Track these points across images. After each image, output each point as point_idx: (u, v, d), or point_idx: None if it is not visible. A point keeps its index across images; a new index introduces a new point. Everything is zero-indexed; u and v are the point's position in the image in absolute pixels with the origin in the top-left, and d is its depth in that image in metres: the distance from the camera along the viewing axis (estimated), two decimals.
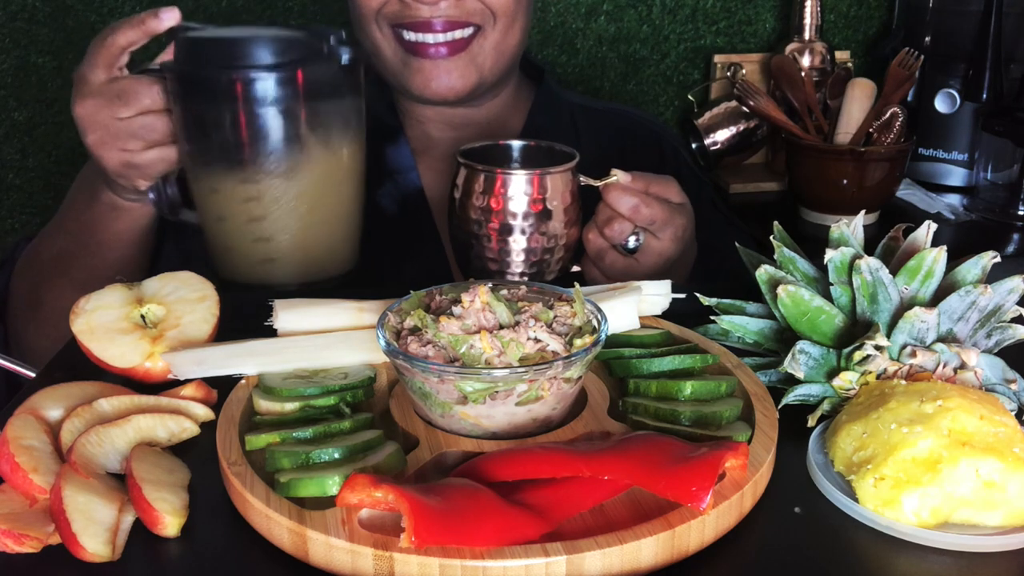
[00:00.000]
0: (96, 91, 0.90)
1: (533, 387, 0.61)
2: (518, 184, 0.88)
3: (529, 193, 0.88)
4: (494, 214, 0.88)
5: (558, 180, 0.89)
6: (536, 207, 0.88)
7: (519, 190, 0.87)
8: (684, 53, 1.80)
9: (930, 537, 0.56)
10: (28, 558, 0.55)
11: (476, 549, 0.51)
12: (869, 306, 0.68)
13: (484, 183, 0.88)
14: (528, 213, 0.88)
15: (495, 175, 0.88)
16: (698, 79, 1.82)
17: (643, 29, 1.77)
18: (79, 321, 0.72)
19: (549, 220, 0.89)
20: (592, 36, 1.76)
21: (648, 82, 1.81)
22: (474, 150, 0.93)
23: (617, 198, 0.90)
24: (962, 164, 1.70)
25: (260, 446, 0.62)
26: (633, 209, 0.90)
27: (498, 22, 1.06)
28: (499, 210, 0.88)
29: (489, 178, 0.88)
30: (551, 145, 0.94)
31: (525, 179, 0.88)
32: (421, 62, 1.06)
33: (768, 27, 1.83)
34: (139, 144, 0.91)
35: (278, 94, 0.87)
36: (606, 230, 0.91)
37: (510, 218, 0.88)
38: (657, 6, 1.76)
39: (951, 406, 0.58)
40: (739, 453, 0.57)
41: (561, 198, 0.89)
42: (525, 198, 0.88)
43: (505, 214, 0.88)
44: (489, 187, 0.88)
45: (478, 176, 0.89)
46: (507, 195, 0.88)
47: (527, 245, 0.89)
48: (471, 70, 1.07)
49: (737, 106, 1.70)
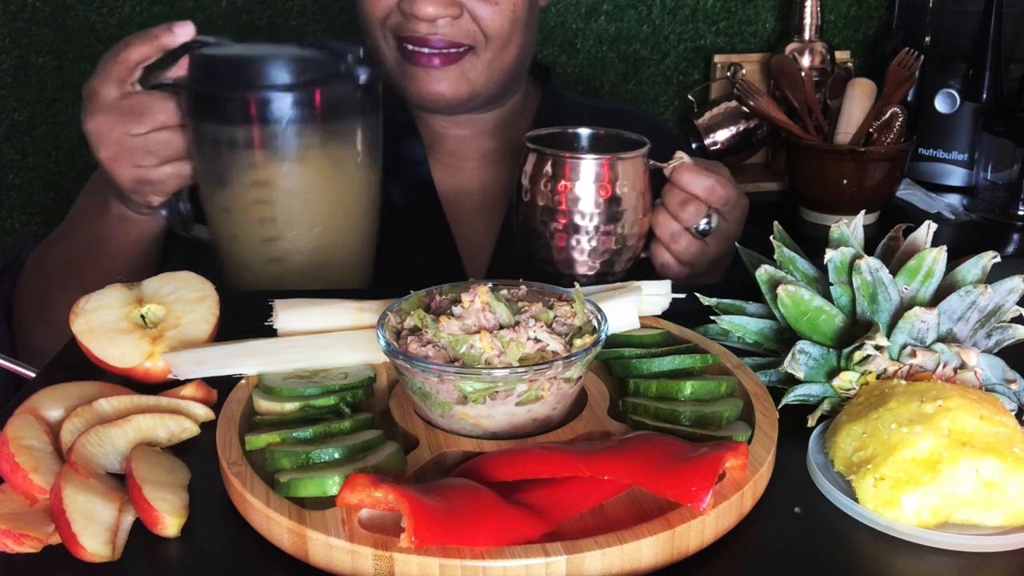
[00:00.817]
0: (109, 107, 0.90)
1: (533, 387, 0.61)
2: (589, 170, 0.86)
3: (600, 179, 0.86)
4: (564, 201, 0.87)
5: (629, 166, 0.87)
6: (606, 194, 0.87)
7: (590, 176, 0.86)
8: (684, 53, 1.80)
9: (930, 537, 0.56)
10: (28, 558, 0.55)
11: (476, 549, 0.51)
12: (869, 306, 0.68)
13: (554, 168, 0.87)
14: (599, 200, 0.87)
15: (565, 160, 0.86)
16: (698, 79, 1.82)
17: (643, 29, 1.77)
18: (79, 321, 0.72)
19: (620, 207, 0.88)
20: (592, 36, 1.76)
21: (648, 82, 1.81)
22: (542, 136, 0.92)
23: (692, 179, 0.90)
24: (962, 164, 1.70)
25: (260, 446, 0.62)
26: (709, 189, 0.90)
27: (491, 43, 1.08)
28: (570, 197, 0.86)
29: (559, 163, 0.86)
30: (620, 133, 0.94)
31: (596, 164, 0.86)
32: (416, 70, 1.09)
33: (768, 27, 1.83)
34: (154, 160, 0.91)
35: (294, 114, 0.86)
36: (681, 212, 0.91)
37: (581, 205, 0.87)
38: (657, 6, 1.76)
39: (951, 406, 0.58)
40: (739, 453, 0.57)
41: (632, 185, 0.88)
42: (596, 185, 0.87)
43: (576, 201, 0.87)
44: (559, 173, 0.87)
45: (547, 161, 0.87)
46: (578, 181, 0.86)
47: (598, 234, 0.88)
48: (462, 83, 1.09)
49: (737, 106, 1.69)
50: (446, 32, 1.06)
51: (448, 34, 1.06)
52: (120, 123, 0.89)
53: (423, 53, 1.07)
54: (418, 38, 1.06)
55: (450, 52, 1.07)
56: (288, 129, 0.86)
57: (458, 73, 1.09)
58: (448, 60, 1.08)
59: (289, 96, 0.85)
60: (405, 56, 1.08)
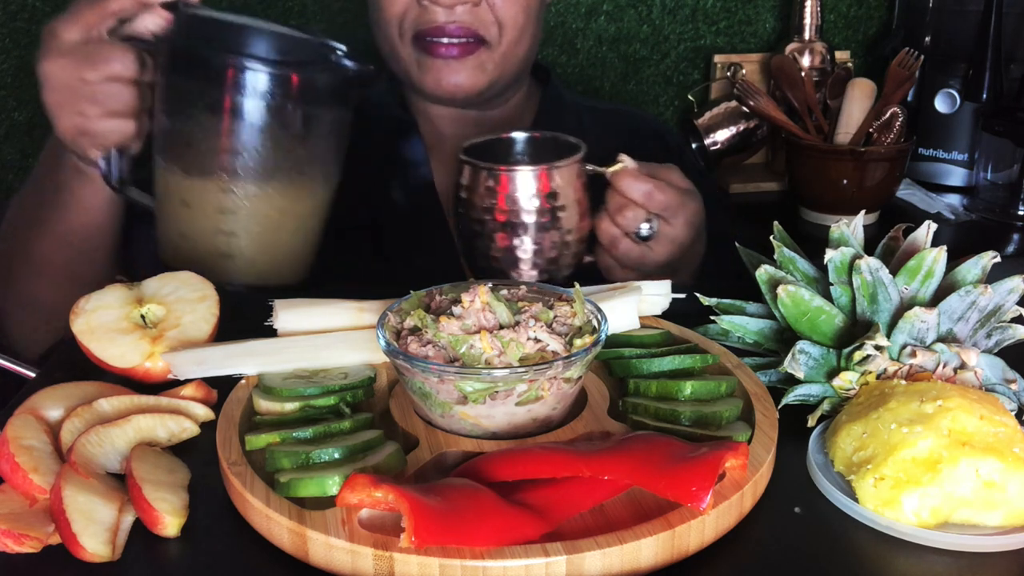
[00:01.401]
0: (67, 50, 0.87)
1: (533, 387, 0.61)
2: (526, 180, 0.85)
3: (538, 188, 0.86)
4: (501, 212, 0.86)
5: (566, 172, 0.87)
6: (546, 202, 0.86)
7: (527, 186, 0.85)
8: (684, 53, 1.80)
9: (930, 537, 0.56)
10: (28, 558, 0.55)
11: (476, 549, 0.51)
12: (869, 306, 0.68)
13: (489, 181, 0.86)
14: (538, 209, 0.86)
15: (499, 172, 0.86)
16: (698, 79, 1.82)
17: (643, 29, 1.77)
18: (79, 321, 0.72)
19: (560, 214, 0.87)
20: (592, 36, 1.76)
21: (648, 82, 1.81)
22: (476, 146, 0.91)
23: (629, 185, 0.89)
24: (962, 164, 1.70)
25: (260, 446, 0.62)
26: (646, 195, 0.89)
27: (506, 34, 1.09)
28: (507, 208, 0.86)
29: (494, 175, 0.86)
30: (555, 136, 0.93)
31: (532, 174, 0.85)
32: (434, 61, 1.09)
33: (768, 27, 1.83)
34: (98, 111, 0.88)
35: (272, 90, 0.85)
36: (619, 218, 0.90)
37: (520, 216, 0.86)
38: (657, 6, 1.76)
39: (951, 406, 0.58)
40: (739, 453, 0.57)
41: (570, 191, 0.87)
42: (534, 193, 0.86)
43: (514, 212, 0.86)
44: (495, 185, 0.86)
45: (481, 174, 0.87)
46: (515, 193, 0.86)
47: (538, 242, 0.87)
48: (479, 74, 1.10)
49: (737, 106, 1.69)
50: (464, 19, 1.06)
51: (466, 22, 1.06)
52: (74, 67, 0.87)
53: (441, 43, 1.07)
54: (436, 28, 1.06)
55: (468, 42, 1.08)
56: (263, 104, 0.85)
57: (475, 64, 1.09)
58: (466, 51, 1.08)
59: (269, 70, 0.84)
60: (423, 48, 1.09)
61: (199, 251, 0.90)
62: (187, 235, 0.90)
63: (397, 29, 1.09)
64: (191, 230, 0.90)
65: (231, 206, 0.88)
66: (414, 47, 1.09)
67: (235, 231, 0.89)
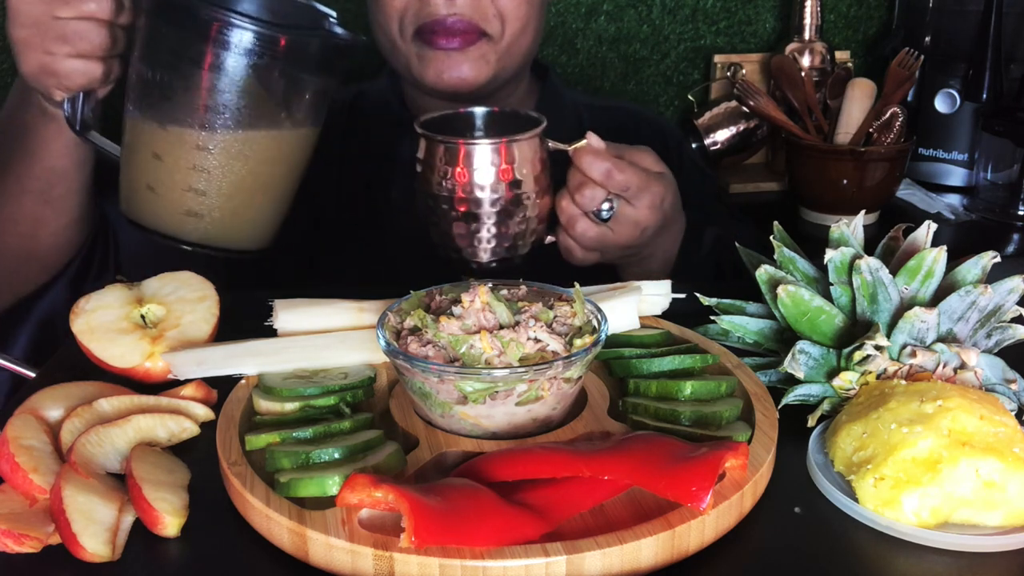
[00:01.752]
0: None
1: (533, 387, 0.61)
2: (484, 154, 0.82)
3: (497, 163, 0.83)
4: (458, 187, 0.84)
5: (526, 147, 0.84)
6: (505, 177, 0.84)
7: (485, 161, 0.83)
8: (684, 53, 1.80)
9: (930, 537, 0.56)
10: (28, 558, 0.55)
11: (476, 549, 0.51)
12: (869, 306, 0.68)
13: (446, 155, 0.83)
14: (497, 184, 0.83)
15: (456, 146, 0.82)
16: (698, 79, 1.82)
17: (643, 29, 1.77)
18: (79, 321, 0.72)
19: (519, 190, 0.84)
20: (592, 36, 1.76)
21: (648, 82, 1.81)
22: (435, 120, 0.88)
23: (589, 163, 0.87)
24: (962, 164, 1.70)
25: (260, 446, 0.62)
26: (605, 174, 0.87)
27: (509, 26, 1.08)
28: (466, 183, 0.83)
29: (452, 150, 0.83)
30: (516, 111, 0.91)
31: (491, 148, 0.82)
32: (435, 53, 1.07)
33: (768, 27, 1.83)
34: (66, 50, 0.85)
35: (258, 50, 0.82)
36: (577, 196, 0.88)
37: (477, 191, 0.84)
38: (657, 6, 1.76)
39: (951, 406, 0.58)
40: (739, 453, 0.57)
41: (531, 166, 0.85)
42: (493, 169, 0.83)
43: (471, 187, 0.83)
44: (453, 159, 0.83)
45: (439, 148, 0.84)
46: (472, 167, 0.83)
47: (498, 219, 0.85)
48: (482, 66, 1.08)
49: (737, 106, 1.69)
50: (465, 12, 1.05)
51: (467, 15, 1.05)
52: (46, 1, 0.83)
53: (442, 35, 1.06)
54: (436, 21, 1.05)
55: (469, 35, 1.06)
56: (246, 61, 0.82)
57: (477, 56, 1.08)
58: (467, 42, 1.07)
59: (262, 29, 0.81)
60: (424, 42, 1.07)
61: (165, 206, 0.87)
62: (155, 189, 0.87)
63: (398, 24, 1.08)
64: (160, 184, 0.86)
65: (205, 164, 0.85)
66: (415, 41, 1.08)
67: (206, 190, 0.86)
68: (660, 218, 0.93)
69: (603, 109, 1.29)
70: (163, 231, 0.87)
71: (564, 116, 1.23)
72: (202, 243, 0.87)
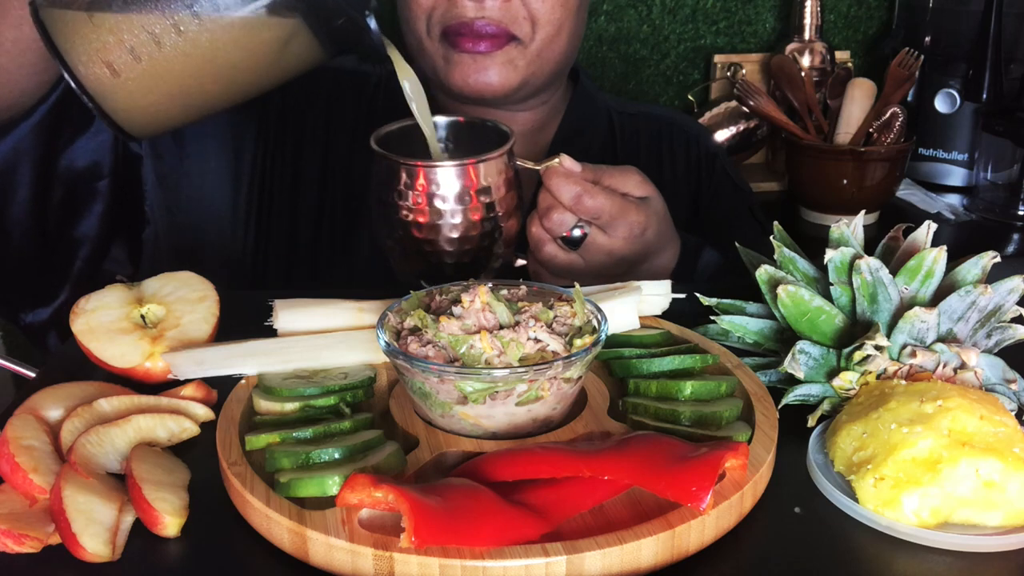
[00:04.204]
0: None
1: (533, 387, 0.61)
2: (447, 177, 0.77)
3: (459, 184, 0.78)
4: (418, 210, 0.79)
5: (492, 166, 0.79)
6: (467, 199, 0.79)
7: (447, 182, 0.78)
8: (684, 53, 1.81)
9: (930, 537, 0.56)
10: (28, 558, 0.55)
11: (476, 549, 0.51)
12: (869, 306, 0.68)
13: (407, 177, 0.78)
14: (461, 208, 0.79)
15: (417, 168, 0.77)
16: (698, 79, 1.82)
17: (643, 29, 1.77)
18: (79, 321, 0.72)
19: (482, 213, 0.80)
20: (592, 36, 1.76)
21: (648, 82, 1.81)
22: (392, 134, 0.83)
23: (558, 185, 0.83)
24: (962, 164, 1.70)
25: (260, 446, 0.62)
26: (575, 198, 0.83)
27: (540, 30, 1.03)
28: (425, 204, 0.79)
29: (410, 171, 0.78)
30: (483, 122, 0.86)
31: (455, 171, 0.78)
32: (461, 56, 1.03)
33: (768, 27, 1.83)
34: None
35: None
36: (545, 220, 0.84)
37: (437, 213, 0.79)
38: (657, 6, 1.76)
39: (951, 406, 0.58)
40: (739, 453, 0.57)
41: (496, 187, 0.80)
42: (454, 190, 0.79)
43: (434, 210, 0.79)
44: (412, 181, 0.78)
45: (398, 170, 0.79)
46: (433, 188, 0.78)
47: (460, 242, 0.81)
48: (510, 71, 1.03)
49: (737, 106, 1.70)
50: (494, 16, 1.00)
51: (496, 18, 1.00)
52: None
53: (469, 37, 1.01)
54: (464, 23, 1.00)
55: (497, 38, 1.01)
56: None
57: (505, 60, 1.02)
58: (495, 46, 1.01)
59: None
60: (450, 44, 1.02)
61: (90, 42, 0.79)
62: (94, 20, 0.78)
63: (425, 24, 1.04)
64: (103, 22, 0.79)
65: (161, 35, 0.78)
66: (441, 42, 1.03)
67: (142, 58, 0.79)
68: (639, 249, 0.88)
69: (635, 116, 1.23)
70: (68, 60, 0.79)
71: (595, 124, 1.18)
72: (95, 99, 0.80)
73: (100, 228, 1.07)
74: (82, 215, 1.06)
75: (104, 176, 1.05)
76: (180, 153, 1.10)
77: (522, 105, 1.12)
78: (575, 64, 1.22)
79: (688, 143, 1.22)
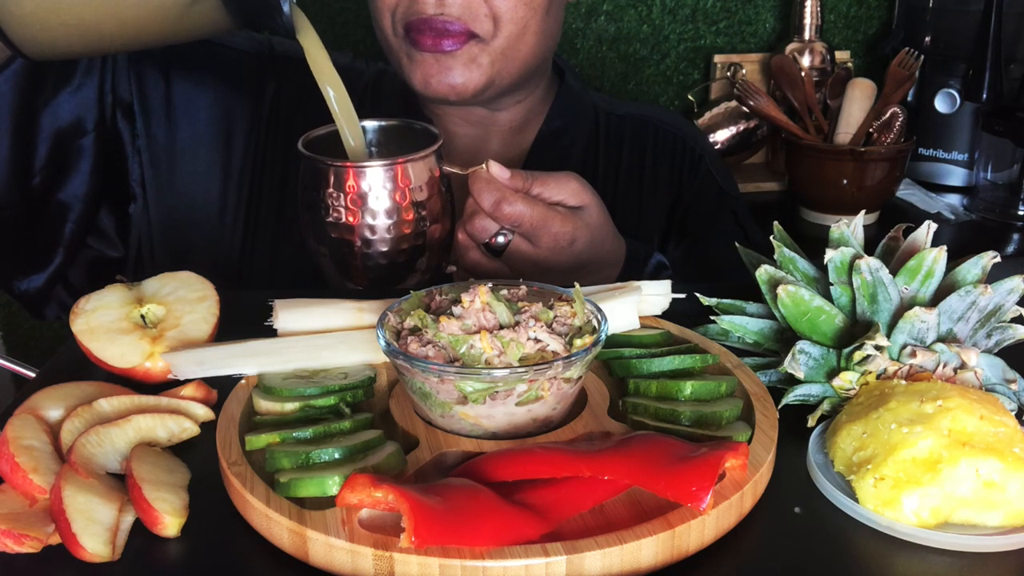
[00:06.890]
0: None
1: (533, 387, 0.61)
2: (374, 177, 0.77)
3: (385, 186, 0.78)
4: (343, 212, 0.79)
5: (419, 168, 0.79)
6: (396, 201, 0.79)
7: (376, 184, 0.77)
8: (684, 53, 1.81)
9: (930, 537, 0.56)
10: (28, 558, 0.55)
11: (476, 549, 0.51)
12: (869, 306, 0.68)
13: (334, 179, 0.78)
14: (388, 209, 0.79)
15: (344, 169, 0.77)
16: (698, 79, 1.83)
17: (643, 29, 1.78)
18: (79, 321, 0.72)
19: (412, 214, 0.79)
20: (592, 36, 1.76)
21: (648, 82, 1.81)
22: (321, 138, 0.82)
23: (480, 190, 0.82)
24: (962, 164, 1.71)
25: (260, 446, 0.62)
26: (494, 204, 0.81)
27: (503, 28, 1.01)
28: (349, 208, 0.79)
29: (338, 173, 0.77)
30: (410, 124, 0.85)
31: (382, 171, 0.77)
32: (424, 56, 1.01)
33: (768, 27, 1.83)
34: None
35: None
36: (468, 226, 0.84)
37: (365, 217, 0.78)
38: (657, 6, 1.76)
39: (951, 406, 0.58)
40: (739, 453, 0.57)
41: (422, 188, 0.79)
42: (383, 192, 0.78)
43: (361, 212, 0.78)
44: (339, 183, 0.77)
45: (325, 172, 0.78)
46: (361, 191, 0.78)
47: (386, 245, 0.80)
48: (474, 71, 1.02)
49: (737, 106, 1.70)
50: (452, 12, 0.98)
51: (456, 15, 0.98)
52: None
53: (429, 34, 0.99)
54: (424, 19, 0.99)
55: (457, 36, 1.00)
56: None
57: (467, 59, 1.01)
58: (455, 42, 0.99)
59: None
60: (412, 42, 1.01)
61: None
62: None
63: (390, 21, 1.03)
64: None
65: None
66: (405, 41, 1.02)
67: None
68: (567, 260, 0.87)
69: (623, 118, 1.21)
70: None
71: (580, 124, 1.17)
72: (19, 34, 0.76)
73: (88, 188, 1.05)
74: (69, 174, 1.04)
75: (88, 132, 1.03)
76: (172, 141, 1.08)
77: (497, 104, 1.10)
78: (562, 63, 1.21)
79: (675, 143, 1.21)
